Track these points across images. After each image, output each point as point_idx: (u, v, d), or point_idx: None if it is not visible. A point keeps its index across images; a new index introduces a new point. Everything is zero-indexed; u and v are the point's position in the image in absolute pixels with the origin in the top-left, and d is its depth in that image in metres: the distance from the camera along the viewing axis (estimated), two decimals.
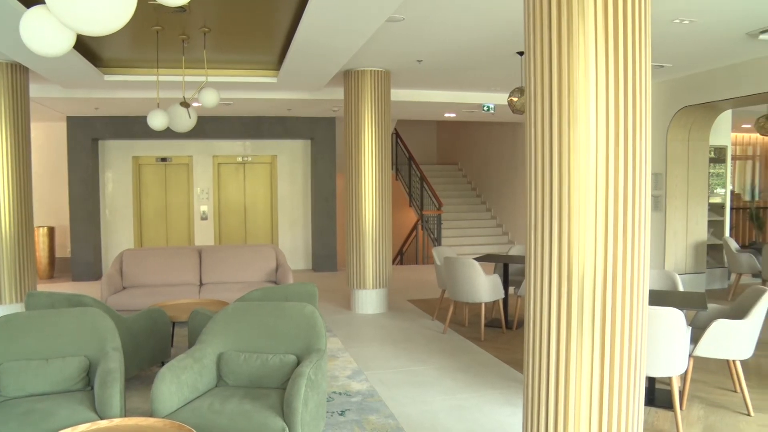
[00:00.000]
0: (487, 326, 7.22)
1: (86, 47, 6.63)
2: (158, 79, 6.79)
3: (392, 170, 14.65)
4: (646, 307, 2.90)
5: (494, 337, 6.85)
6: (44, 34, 2.85)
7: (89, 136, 10.86)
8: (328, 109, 10.57)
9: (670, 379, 4.32)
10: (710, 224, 9.80)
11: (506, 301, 7.25)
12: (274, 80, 8.11)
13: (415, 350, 6.34)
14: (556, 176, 2.79)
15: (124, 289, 7.35)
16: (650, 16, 2.85)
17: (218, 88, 7.07)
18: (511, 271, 7.69)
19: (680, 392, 4.67)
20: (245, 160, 12.17)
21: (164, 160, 11.82)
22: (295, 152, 12.31)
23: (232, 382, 3.95)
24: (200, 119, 9.20)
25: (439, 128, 18.17)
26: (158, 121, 5.97)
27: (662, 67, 7.98)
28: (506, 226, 14.40)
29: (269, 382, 3.89)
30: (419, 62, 7.48)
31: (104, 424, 3.13)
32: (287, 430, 3.36)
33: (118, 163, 11.56)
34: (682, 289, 5.48)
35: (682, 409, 4.56)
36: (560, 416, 2.82)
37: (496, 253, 9.37)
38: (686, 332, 4.23)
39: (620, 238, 2.76)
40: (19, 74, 7.11)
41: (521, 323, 7.30)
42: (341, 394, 5.01)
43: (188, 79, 7.13)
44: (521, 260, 7.04)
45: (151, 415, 3.54)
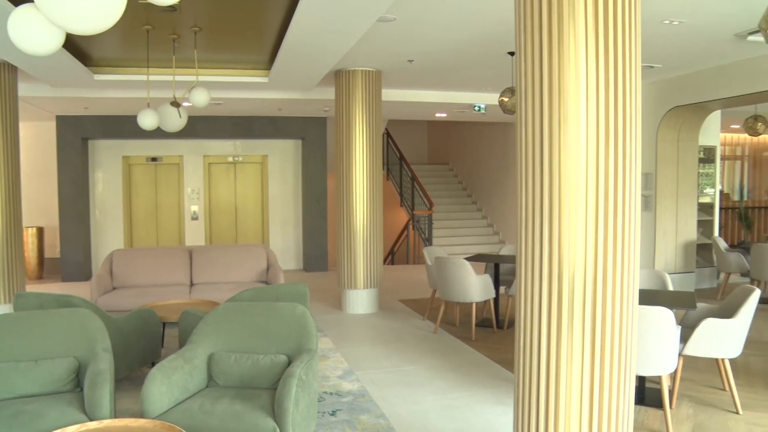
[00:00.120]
0: (478, 326, 7.23)
1: (76, 46, 6.59)
2: (148, 78, 6.75)
3: (383, 170, 14.65)
4: (636, 306, 2.91)
5: (485, 336, 6.86)
6: (33, 32, 2.82)
7: (79, 135, 10.79)
8: (319, 109, 10.55)
9: (659, 378, 4.35)
10: (700, 224, 9.86)
11: (497, 300, 7.26)
12: (265, 80, 8.09)
13: (406, 350, 6.34)
14: (546, 176, 2.80)
15: (114, 289, 7.31)
16: (640, 16, 2.86)
17: (209, 87, 7.04)
18: (501, 270, 7.71)
19: (670, 391, 4.69)
20: (236, 159, 12.13)
21: (154, 159, 11.76)
22: (286, 152, 12.28)
23: (222, 382, 3.93)
24: (191, 119, 9.17)
25: (430, 128, 18.18)
26: (148, 120, 5.94)
27: (652, 67, 8.02)
28: (497, 225, 14.43)
29: (260, 382, 3.88)
30: (410, 62, 7.48)
31: (94, 425, 3.12)
32: (278, 430, 3.35)
33: (108, 162, 11.50)
34: (671, 288, 5.51)
35: (671, 407, 4.58)
36: (551, 415, 2.83)
37: (486, 252, 9.39)
38: (676, 331, 4.25)
39: (610, 237, 2.77)
40: (7, 73, 7.06)
41: (512, 323, 7.31)
42: (332, 394, 5.00)
43: (179, 78, 7.10)
44: (512, 260, 7.06)
45: (141, 416, 3.52)
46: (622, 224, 2.78)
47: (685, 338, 4.54)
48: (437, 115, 11.74)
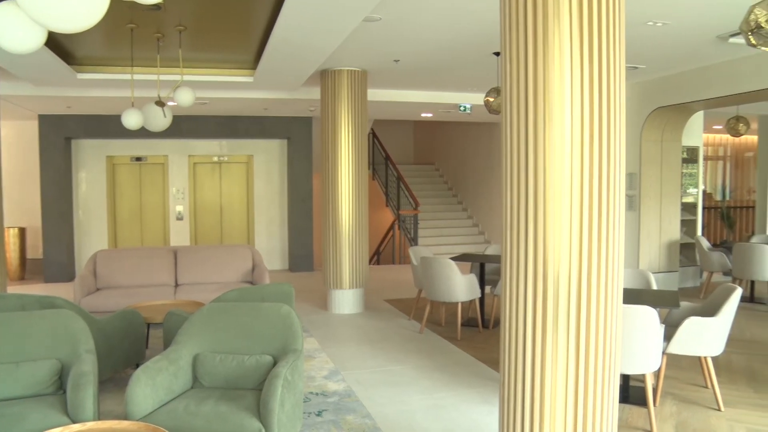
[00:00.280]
0: (463, 325, 7.25)
1: (58, 44, 6.52)
2: (133, 77, 6.71)
3: (369, 170, 14.65)
4: (620, 305, 2.93)
5: (471, 336, 6.88)
6: (14, 30, 2.78)
7: (62, 134, 10.68)
8: (304, 108, 10.53)
9: (644, 376, 4.38)
10: (683, 223, 9.95)
11: (483, 300, 7.29)
12: (250, 79, 8.06)
13: (391, 350, 6.34)
14: (531, 176, 2.81)
15: (97, 290, 7.24)
16: (624, 18, 2.88)
17: (194, 87, 7.01)
18: (487, 270, 7.73)
19: (654, 389, 4.73)
20: (221, 159, 12.08)
21: (139, 159, 11.68)
22: (271, 152, 12.24)
23: (207, 383, 3.91)
24: (176, 118, 9.10)
25: (415, 128, 18.20)
26: (133, 120, 5.89)
27: (636, 68, 8.08)
28: (482, 225, 14.47)
29: (245, 383, 3.87)
30: (396, 62, 7.49)
31: (77, 428, 3.09)
32: (264, 431, 3.34)
33: (91, 162, 11.40)
34: (655, 287, 5.56)
35: (655, 405, 4.62)
36: (536, 414, 2.85)
37: (472, 252, 9.42)
38: (659, 330, 4.29)
39: (595, 237, 2.78)
40: None
41: (497, 322, 7.34)
42: (318, 394, 4.99)
43: (163, 77, 7.06)
44: (497, 260, 7.08)
45: (125, 418, 3.49)
46: (606, 224, 2.80)
47: (668, 337, 4.58)
48: (423, 115, 11.75)
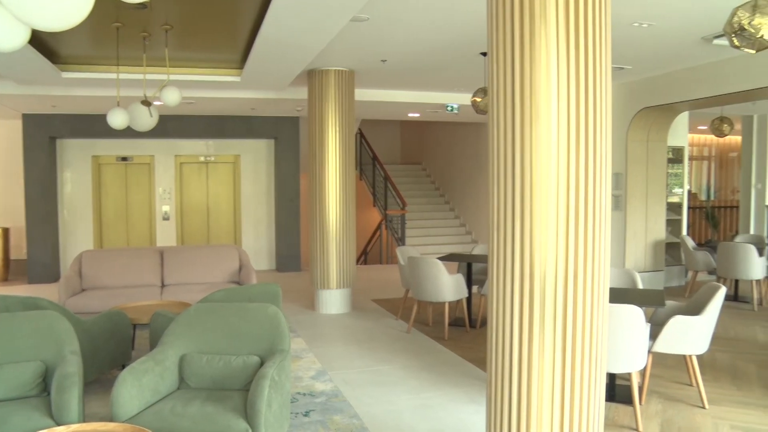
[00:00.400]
0: (450, 325, 7.26)
1: (42, 43, 6.46)
2: (118, 76, 6.66)
3: (356, 170, 14.64)
4: (606, 304, 2.95)
5: (458, 336, 6.89)
6: None
7: (46, 134, 10.58)
8: (292, 108, 10.50)
9: (629, 375, 4.41)
10: (668, 223, 10.02)
11: (470, 300, 7.30)
12: (237, 79, 8.02)
13: (379, 350, 6.34)
14: (518, 176, 2.82)
15: (83, 291, 7.19)
16: (610, 19, 2.90)
17: (180, 86, 6.97)
18: (474, 270, 7.75)
19: (639, 387, 4.76)
20: (208, 159, 12.02)
21: (125, 159, 11.60)
22: (258, 152, 12.20)
23: (194, 384, 3.89)
24: (162, 118, 9.05)
25: (403, 128, 18.21)
26: (118, 119, 5.85)
27: (622, 69, 8.13)
28: (470, 225, 14.51)
29: (232, 383, 3.85)
30: (383, 62, 7.48)
31: (61, 430, 3.06)
32: (251, 431, 3.33)
33: (76, 162, 11.30)
34: (641, 286, 5.59)
35: (641, 404, 4.65)
36: (523, 413, 2.85)
37: (459, 252, 9.44)
38: (645, 329, 4.32)
39: (581, 237, 2.80)
40: None
41: (484, 322, 7.36)
42: (305, 394, 4.98)
43: (149, 77, 7.01)
44: (484, 259, 7.10)
45: (110, 419, 3.47)
46: (592, 223, 2.82)
47: (654, 335, 4.61)
48: (410, 114, 11.76)
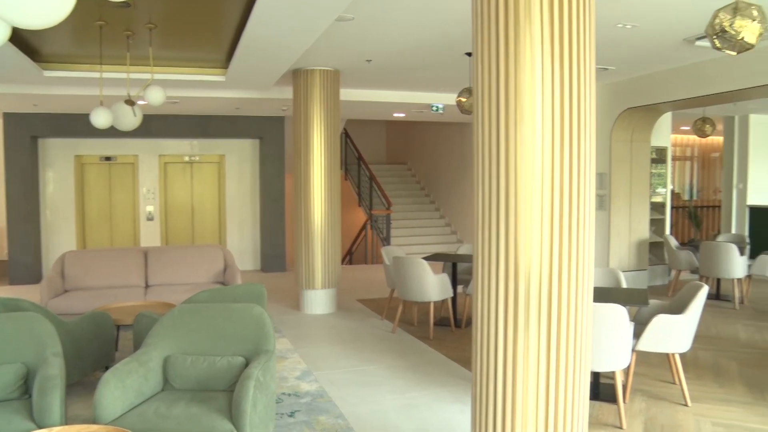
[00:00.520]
0: (436, 325, 7.27)
1: (24, 41, 6.39)
2: (101, 75, 6.61)
3: (341, 170, 14.63)
4: (590, 304, 2.97)
5: (443, 335, 6.90)
6: None
7: (28, 133, 10.47)
8: (277, 108, 10.47)
9: (613, 373, 4.44)
10: (652, 222, 10.11)
11: (455, 299, 7.31)
12: (222, 78, 7.98)
13: (364, 350, 6.34)
14: (502, 176, 2.83)
15: (65, 292, 7.12)
16: (595, 19, 2.92)
17: (165, 85, 6.92)
18: (459, 270, 7.76)
19: (623, 386, 4.80)
20: (192, 159, 11.95)
21: (108, 159, 11.50)
22: (243, 151, 12.15)
23: (178, 385, 3.87)
24: (146, 117, 8.98)
25: (388, 128, 18.21)
26: (102, 119, 5.80)
27: (606, 69, 8.18)
28: (455, 225, 14.54)
29: (217, 384, 3.83)
30: (369, 62, 7.48)
31: None
32: None
33: (59, 162, 11.19)
34: (625, 285, 5.64)
35: (625, 402, 4.69)
36: (508, 412, 2.86)
37: (444, 252, 9.45)
38: (629, 328, 4.35)
39: (566, 236, 2.81)
40: None
41: (470, 322, 7.38)
42: (290, 395, 4.97)
43: (133, 76, 6.95)
44: (469, 259, 7.12)
45: (93, 422, 3.43)
46: (577, 223, 2.83)
47: (638, 334, 4.64)
48: (395, 114, 11.76)
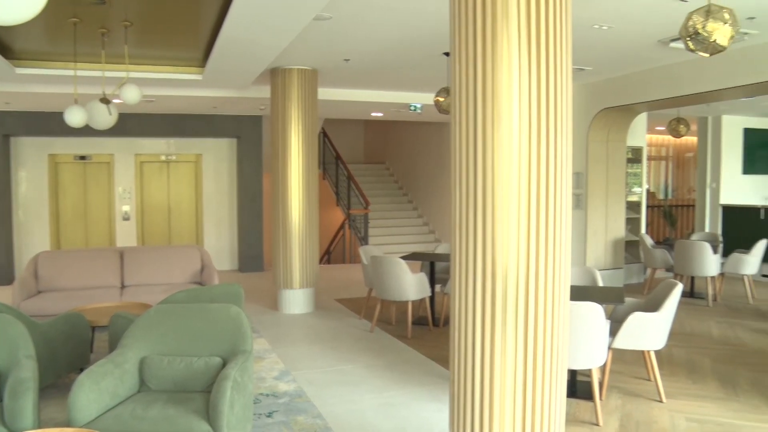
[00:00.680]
0: (413, 324, 7.28)
1: None
2: (76, 73, 6.51)
3: (319, 169, 14.58)
4: (567, 302, 2.99)
5: (421, 334, 6.92)
6: None
7: (0, 132, 10.30)
8: (254, 107, 10.41)
9: (590, 371, 4.48)
10: (628, 221, 10.22)
11: (432, 298, 7.34)
12: (199, 77, 7.91)
13: (342, 349, 6.33)
14: (480, 175, 2.84)
15: (39, 293, 7.01)
16: (571, 20, 2.94)
17: (140, 84, 6.82)
18: (437, 269, 7.78)
19: (600, 383, 4.84)
20: (169, 158, 11.83)
21: (83, 158, 11.34)
22: (220, 151, 12.07)
23: (155, 386, 3.83)
24: (122, 116, 8.86)
25: (366, 127, 18.20)
26: (76, 117, 5.72)
27: (583, 70, 8.26)
28: (432, 224, 14.58)
29: (194, 385, 3.80)
30: (347, 61, 7.47)
31: None
32: None
33: (32, 161, 11.01)
34: (601, 284, 5.69)
35: (601, 399, 4.73)
36: (485, 410, 2.88)
37: (422, 251, 9.47)
38: (605, 326, 4.39)
39: (542, 235, 2.83)
40: None
41: (447, 320, 7.40)
42: (268, 395, 4.94)
43: (108, 74, 6.86)
44: (447, 258, 7.14)
45: (67, 425, 3.38)
46: (553, 222, 2.85)
47: (614, 332, 4.69)
48: (373, 114, 11.76)
